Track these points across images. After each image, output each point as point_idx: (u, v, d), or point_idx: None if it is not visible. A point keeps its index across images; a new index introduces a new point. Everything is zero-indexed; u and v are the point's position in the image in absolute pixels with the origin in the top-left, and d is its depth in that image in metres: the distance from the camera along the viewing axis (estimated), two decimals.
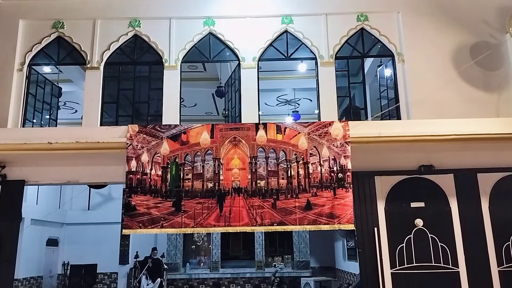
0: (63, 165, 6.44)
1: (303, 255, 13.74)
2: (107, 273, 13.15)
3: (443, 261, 6.03)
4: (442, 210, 6.23)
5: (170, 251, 13.50)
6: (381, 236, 6.16)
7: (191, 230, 6.08)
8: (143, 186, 5.96)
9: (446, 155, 6.36)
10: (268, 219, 5.93)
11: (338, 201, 5.87)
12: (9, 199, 6.27)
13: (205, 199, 5.99)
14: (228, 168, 6.10)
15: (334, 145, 5.98)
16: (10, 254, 6.09)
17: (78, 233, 13.04)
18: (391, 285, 5.99)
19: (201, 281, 13.32)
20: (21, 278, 10.77)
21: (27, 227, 10.69)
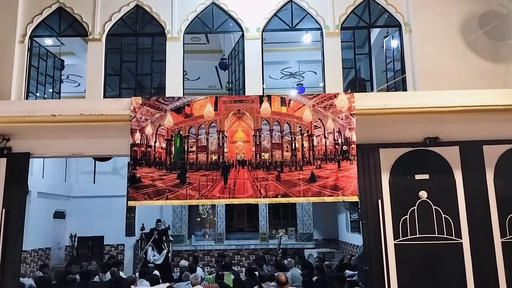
0: (67, 137, 6.45)
1: (306, 228, 13.90)
2: (114, 245, 13.37)
3: (446, 232, 6.07)
4: (447, 182, 6.22)
5: (175, 223, 13.70)
6: (384, 208, 6.18)
7: (196, 201, 6.12)
8: (148, 159, 5.98)
9: (452, 127, 6.31)
10: (272, 191, 5.95)
11: (342, 173, 5.87)
12: (15, 171, 6.31)
13: (209, 172, 6.01)
14: (232, 141, 6.09)
15: (339, 117, 5.94)
16: (17, 225, 6.17)
17: (85, 206, 13.20)
18: (394, 256, 6.06)
19: (206, 252, 13.55)
20: (30, 249, 10.99)
21: (33, 199, 10.85)
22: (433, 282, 5.98)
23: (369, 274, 6.10)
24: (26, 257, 10.73)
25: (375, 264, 6.07)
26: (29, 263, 10.93)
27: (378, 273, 6.03)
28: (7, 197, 6.23)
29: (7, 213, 6.14)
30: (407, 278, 6.00)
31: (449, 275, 6.00)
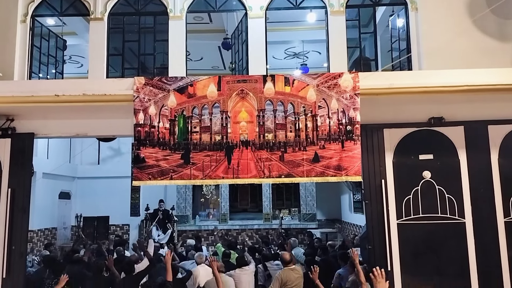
0: (71, 118, 6.46)
1: (309, 208, 14.00)
2: (119, 225, 13.54)
3: (449, 212, 6.09)
4: (451, 162, 6.21)
5: (180, 203, 13.82)
6: (388, 188, 6.19)
7: (200, 181, 6.15)
8: (152, 139, 5.98)
9: (457, 107, 6.26)
10: (276, 171, 5.96)
11: (346, 153, 5.86)
12: (19, 152, 6.34)
13: (213, 152, 6.01)
14: (235, 121, 6.07)
15: (343, 97, 5.90)
16: (23, 205, 6.23)
17: (89, 187, 13.31)
18: (397, 235, 6.10)
19: (210, 232, 13.70)
20: (36, 229, 11.14)
21: (39, 179, 10.95)
22: (435, 261, 6.03)
23: (372, 253, 6.16)
24: (33, 236, 10.89)
25: (378, 244, 6.12)
26: (36, 243, 11.09)
27: (380, 252, 6.08)
28: (12, 177, 6.28)
29: (13, 192, 6.20)
30: (409, 257, 6.05)
31: (451, 254, 6.04)
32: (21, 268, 6.16)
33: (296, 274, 6.69)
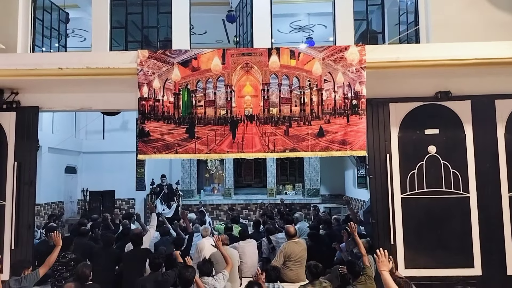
0: (75, 91, 6.43)
1: (313, 183, 14.07)
2: (125, 199, 13.69)
3: (454, 186, 6.09)
4: (457, 137, 6.17)
5: (184, 178, 13.93)
6: (393, 162, 6.18)
7: (205, 156, 6.16)
8: (156, 113, 5.96)
9: (464, 81, 6.17)
10: (280, 145, 5.95)
11: (351, 127, 5.83)
12: (24, 125, 6.36)
13: (218, 126, 5.99)
14: (240, 95, 6.02)
15: (350, 70, 5.82)
16: (30, 178, 6.29)
17: (95, 161, 13.41)
18: (401, 209, 6.12)
19: (215, 206, 13.84)
20: (43, 203, 11.30)
21: (44, 154, 11.03)
22: (438, 235, 6.07)
23: (375, 227, 6.20)
24: (40, 210, 11.04)
25: (382, 218, 6.15)
26: (43, 216, 11.25)
27: (384, 226, 6.12)
28: (18, 151, 6.32)
29: (19, 166, 6.25)
30: (413, 231, 6.09)
31: (455, 228, 6.07)
32: (29, 240, 6.27)
33: (300, 247, 6.79)
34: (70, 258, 6.24)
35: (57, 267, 6.20)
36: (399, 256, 6.07)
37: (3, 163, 6.29)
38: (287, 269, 6.59)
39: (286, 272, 6.56)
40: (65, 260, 6.23)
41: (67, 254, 6.27)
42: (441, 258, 6.02)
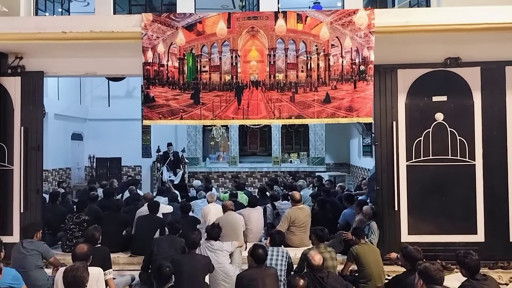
0: (80, 56, 6.38)
1: (318, 152, 14.07)
2: (131, 166, 13.81)
3: (460, 154, 6.07)
4: (465, 104, 6.10)
5: (190, 146, 13.97)
6: (399, 130, 6.15)
7: (210, 122, 6.15)
8: (161, 78, 5.91)
9: (475, 47, 6.05)
10: (286, 112, 5.92)
11: (358, 94, 5.77)
12: (30, 90, 6.35)
13: (223, 92, 5.95)
14: (245, 61, 5.94)
15: (358, 35, 5.70)
16: (37, 142, 6.33)
17: (101, 129, 13.46)
18: (406, 176, 6.14)
19: (220, 174, 13.95)
20: (51, 169, 11.42)
21: (50, 120, 11.08)
22: (443, 202, 6.10)
23: (379, 194, 6.23)
24: (48, 176, 11.18)
25: (386, 185, 6.18)
26: (51, 182, 11.41)
27: (388, 193, 6.16)
28: (24, 116, 6.34)
29: (26, 131, 6.28)
30: (417, 198, 6.12)
31: (459, 196, 6.09)
32: (38, 204, 6.37)
33: (304, 213, 6.86)
34: (84, 219, 6.43)
35: (70, 227, 6.38)
36: (402, 223, 6.14)
37: (10, 128, 6.32)
38: (291, 234, 6.69)
39: (290, 237, 6.66)
40: (78, 220, 6.41)
41: (81, 215, 6.45)
42: (444, 225, 6.08)
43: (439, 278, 3.19)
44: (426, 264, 3.30)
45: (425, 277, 3.21)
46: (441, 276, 3.21)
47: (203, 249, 5.22)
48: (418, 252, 4.41)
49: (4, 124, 6.26)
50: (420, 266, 3.34)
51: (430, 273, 3.20)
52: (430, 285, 3.16)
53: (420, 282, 3.23)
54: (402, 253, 4.52)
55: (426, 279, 3.20)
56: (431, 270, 3.21)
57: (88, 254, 4.27)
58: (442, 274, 3.26)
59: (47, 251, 5.12)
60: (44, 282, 4.99)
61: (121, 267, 6.15)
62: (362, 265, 5.20)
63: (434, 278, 3.17)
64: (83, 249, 4.29)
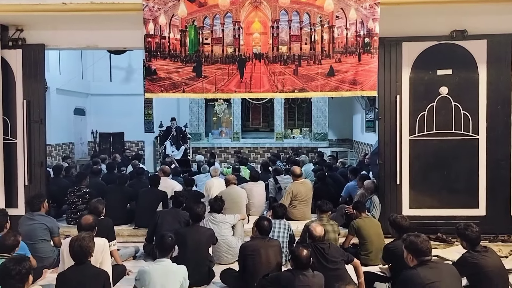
0: (81, 29, 6.29)
1: (321, 128, 14.07)
2: (134, 141, 13.85)
3: (463, 128, 6.03)
4: (470, 78, 6.02)
5: (192, 121, 13.98)
6: (403, 104, 6.10)
7: (212, 95, 6.12)
8: (162, 50, 5.84)
9: (481, 19, 5.92)
10: (289, 85, 5.87)
11: (363, 67, 5.70)
12: (31, 63, 6.29)
13: (225, 65, 5.89)
14: (248, 33, 5.85)
15: (363, 6, 5.58)
16: (39, 116, 6.32)
17: (103, 104, 13.43)
18: (408, 151, 6.12)
19: (223, 149, 13.99)
20: (54, 143, 11.46)
21: (53, 94, 11.06)
22: (445, 177, 6.10)
23: (382, 168, 6.24)
24: (51, 150, 11.23)
25: (389, 159, 6.17)
26: (55, 156, 11.47)
27: (391, 167, 6.16)
28: (26, 89, 6.31)
29: (28, 104, 6.26)
30: (419, 172, 6.13)
31: (461, 170, 6.09)
32: (42, 177, 6.41)
33: (305, 187, 6.91)
34: (85, 192, 6.51)
35: (73, 200, 6.44)
36: (404, 197, 6.16)
37: (12, 102, 6.30)
38: (293, 208, 6.75)
39: (292, 210, 6.73)
40: (80, 193, 6.49)
41: (82, 188, 6.50)
42: (446, 199, 6.10)
43: (427, 249, 3.20)
44: (411, 238, 3.29)
45: (412, 250, 3.22)
46: (428, 247, 3.22)
47: (206, 221, 5.28)
48: (404, 220, 4.45)
49: (6, 97, 6.24)
50: (405, 241, 3.33)
51: (417, 246, 3.20)
52: (419, 257, 3.17)
53: (410, 256, 3.23)
54: (389, 221, 4.56)
55: (414, 252, 3.21)
56: (417, 243, 3.20)
57: (93, 225, 4.33)
58: (429, 243, 3.26)
59: (55, 227, 5.19)
60: (51, 254, 5.09)
61: (125, 239, 6.24)
62: (363, 238, 5.27)
63: (422, 250, 3.18)
64: (88, 220, 4.36)
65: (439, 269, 3.20)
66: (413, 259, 3.22)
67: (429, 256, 3.19)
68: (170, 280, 3.54)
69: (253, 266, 4.28)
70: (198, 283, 4.56)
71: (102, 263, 4.03)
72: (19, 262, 2.90)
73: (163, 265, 3.65)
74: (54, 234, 5.13)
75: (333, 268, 4.06)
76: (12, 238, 3.86)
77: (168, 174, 7.35)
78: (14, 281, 2.83)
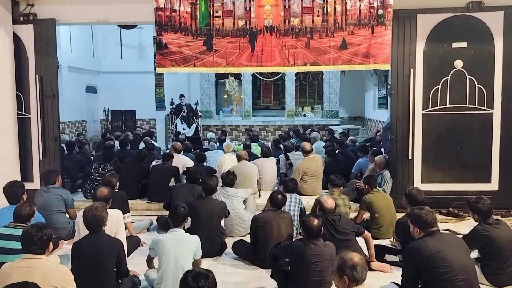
0: (91, 3, 6.27)
1: (332, 105, 13.97)
2: (146, 119, 13.92)
3: (478, 102, 5.94)
4: (486, 51, 5.90)
5: (203, 99, 13.97)
6: (416, 78, 6.01)
7: (223, 69, 6.09)
8: (173, 24, 5.81)
9: None
10: (301, 59, 5.81)
11: (376, 39, 5.61)
12: (43, 38, 6.31)
13: (236, 38, 5.84)
14: (259, 5, 5.78)
15: None
16: (52, 91, 6.37)
17: (114, 81, 13.47)
18: (421, 125, 6.06)
19: (234, 127, 14.00)
20: (67, 121, 11.57)
21: (64, 72, 11.11)
22: (458, 151, 6.05)
23: (394, 143, 6.20)
24: (64, 128, 11.35)
25: (401, 134, 6.12)
26: (68, 134, 11.59)
27: (403, 142, 6.12)
28: (38, 64, 6.34)
29: (41, 79, 6.31)
30: (432, 147, 6.08)
31: (475, 144, 6.03)
32: (56, 152, 6.51)
33: (316, 163, 6.91)
34: (108, 170, 6.51)
35: (95, 177, 6.49)
36: (416, 172, 6.13)
37: (25, 77, 6.36)
38: (304, 183, 6.77)
39: (303, 186, 6.75)
40: (104, 171, 6.50)
41: (106, 166, 6.53)
42: (458, 173, 6.06)
43: (432, 220, 3.18)
44: (415, 211, 3.26)
45: (418, 223, 3.20)
46: (433, 218, 3.19)
47: (219, 195, 5.33)
48: (420, 194, 4.43)
49: (19, 73, 6.30)
50: (410, 216, 3.32)
51: (422, 218, 3.17)
52: (426, 229, 3.16)
53: (416, 230, 3.22)
54: (404, 194, 4.55)
55: (420, 224, 3.19)
56: (422, 216, 3.18)
57: (108, 198, 4.40)
58: (433, 215, 3.23)
59: (70, 199, 5.29)
60: (66, 226, 5.19)
61: (139, 213, 6.33)
62: (374, 213, 5.27)
63: (428, 221, 3.15)
64: (103, 192, 4.43)
65: (446, 239, 3.19)
66: (420, 231, 3.20)
67: (435, 227, 3.18)
68: (183, 249, 3.59)
69: (264, 237, 4.34)
70: (211, 253, 4.64)
71: (117, 234, 4.10)
72: (41, 229, 2.96)
73: (176, 235, 3.70)
74: (69, 206, 5.23)
75: (344, 240, 4.09)
76: (28, 208, 3.94)
77: (179, 150, 7.40)
78: (36, 247, 2.89)
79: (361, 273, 2.38)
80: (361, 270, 2.38)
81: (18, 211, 3.90)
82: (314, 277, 3.35)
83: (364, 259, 2.54)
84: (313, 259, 3.35)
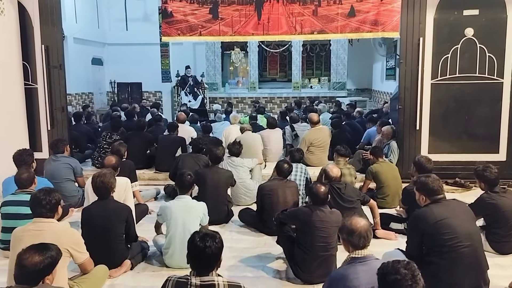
0: None
1: (340, 77, 13.82)
2: (152, 91, 13.89)
3: (488, 72, 5.84)
4: (497, 19, 5.76)
5: (209, 71, 13.87)
6: (426, 46, 5.90)
7: (229, 38, 6.02)
8: None
9: None
10: (308, 27, 5.72)
11: (385, 6, 5.50)
12: (47, 8, 6.23)
13: (242, 6, 5.75)
14: None
15: None
16: (58, 61, 6.36)
17: (120, 53, 13.35)
18: (429, 95, 6.00)
19: (240, 99, 13.95)
20: (74, 93, 11.58)
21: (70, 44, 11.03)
22: (466, 122, 6.00)
23: (401, 114, 6.15)
24: (71, 100, 11.37)
25: (409, 104, 6.07)
26: (75, 106, 11.63)
27: (411, 112, 6.07)
28: (44, 34, 6.29)
29: (47, 49, 6.28)
30: (440, 117, 6.04)
31: (483, 115, 5.97)
32: (63, 122, 6.54)
33: (322, 134, 6.90)
34: (115, 139, 6.57)
35: (103, 146, 6.56)
36: (423, 142, 6.11)
37: (31, 47, 6.32)
38: (310, 154, 6.78)
39: (309, 156, 6.75)
40: (110, 140, 6.57)
41: (113, 135, 6.59)
42: (466, 144, 6.03)
43: (438, 187, 3.16)
44: (421, 179, 3.23)
45: (424, 190, 3.18)
46: (439, 185, 3.16)
47: (225, 165, 5.37)
48: (429, 163, 4.41)
49: (25, 42, 6.26)
50: (416, 183, 3.29)
51: (428, 185, 3.14)
52: (432, 197, 3.15)
53: (422, 197, 3.20)
54: (413, 162, 4.54)
55: (426, 192, 3.17)
56: (428, 183, 3.15)
57: (116, 166, 4.45)
58: (439, 182, 3.20)
59: (79, 167, 5.35)
60: (75, 194, 5.27)
61: (147, 182, 6.41)
62: (380, 182, 5.29)
63: (434, 189, 3.12)
64: (111, 160, 4.48)
65: (452, 206, 3.18)
66: (426, 199, 3.18)
67: (442, 195, 3.17)
68: (190, 214, 3.65)
69: (270, 205, 4.38)
70: (217, 221, 4.71)
71: (125, 201, 4.15)
72: (49, 193, 3.01)
73: (183, 201, 3.75)
74: (78, 174, 5.29)
75: (349, 207, 4.11)
76: (25, 172, 3.98)
77: (182, 121, 7.42)
78: (45, 210, 2.95)
79: (358, 240, 2.40)
80: (358, 238, 2.40)
81: (17, 178, 3.94)
82: (319, 243, 3.39)
83: (368, 224, 2.56)
84: (319, 225, 3.38)
